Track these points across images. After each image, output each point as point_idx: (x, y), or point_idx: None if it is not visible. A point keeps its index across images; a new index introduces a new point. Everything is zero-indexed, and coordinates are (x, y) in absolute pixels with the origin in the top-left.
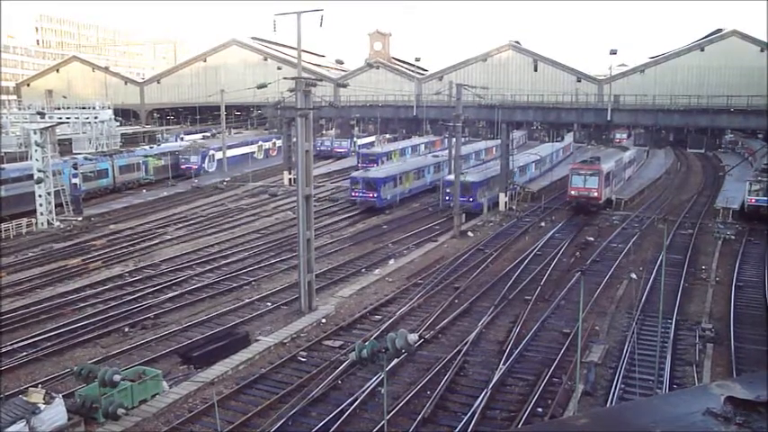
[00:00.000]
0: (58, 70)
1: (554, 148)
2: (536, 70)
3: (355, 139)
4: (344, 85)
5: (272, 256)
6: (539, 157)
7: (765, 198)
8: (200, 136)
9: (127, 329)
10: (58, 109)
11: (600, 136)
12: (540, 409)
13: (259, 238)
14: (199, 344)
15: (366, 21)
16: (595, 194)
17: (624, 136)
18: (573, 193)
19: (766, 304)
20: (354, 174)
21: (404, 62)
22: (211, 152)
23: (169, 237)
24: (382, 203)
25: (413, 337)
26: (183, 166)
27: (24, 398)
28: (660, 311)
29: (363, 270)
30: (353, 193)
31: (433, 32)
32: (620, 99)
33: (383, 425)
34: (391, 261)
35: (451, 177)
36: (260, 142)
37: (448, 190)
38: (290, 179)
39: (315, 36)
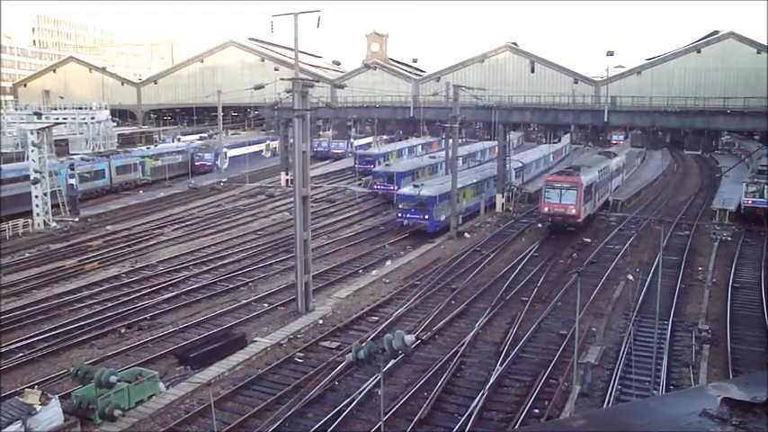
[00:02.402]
0: (54, 70)
1: (542, 153)
2: (533, 71)
3: (352, 140)
4: (342, 86)
5: (269, 257)
6: (520, 164)
7: (762, 199)
8: (197, 137)
9: (123, 330)
10: (55, 109)
11: (597, 137)
12: (536, 411)
13: (256, 239)
14: (195, 345)
15: (364, 22)
16: (573, 212)
17: (621, 137)
18: (546, 210)
19: (762, 305)
20: (376, 168)
21: (401, 63)
22: (224, 150)
23: (166, 237)
24: None
25: (410, 338)
26: (197, 163)
27: (20, 399)
28: (657, 313)
29: (360, 271)
30: (375, 186)
31: (431, 34)
32: (616, 100)
33: (380, 426)
34: (388, 262)
35: (404, 191)
36: (267, 141)
37: (400, 206)
38: (287, 180)
39: (312, 37)
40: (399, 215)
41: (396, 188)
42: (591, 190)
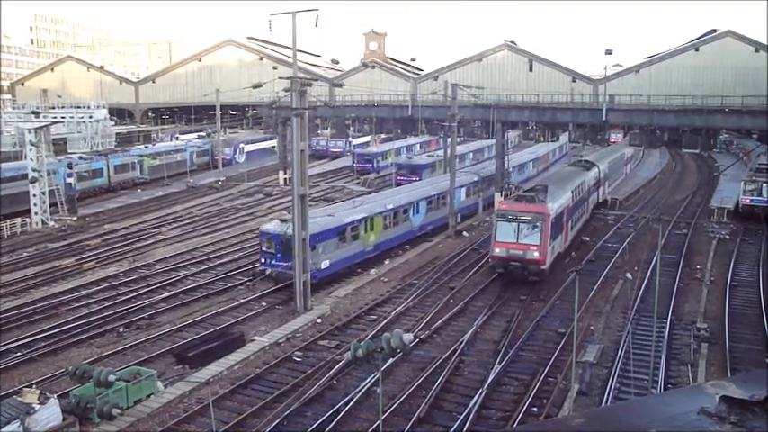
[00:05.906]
0: (52, 69)
1: (518, 161)
2: (531, 70)
3: (350, 138)
4: (340, 85)
5: None
6: (476, 179)
7: (760, 198)
8: (194, 136)
9: (121, 329)
10: (53, 108)
11: (595, 136)
12: (535, 409)
13: (254, 238)
14: (194, 344)
15: (362, 20)
16: (536, 255)
17: (619, 136)
18: (497, 251)
19: (761, 303)
20: (399, 161)
21: (399, 62)
22: (241, 145)
23: (164, 237)
24: None
25: (408, 336)
26: (216, 157)
27: (19, 398)
28: (655, 311)
29: (359, 270)
30: (399, 177)
31: (429, 32)
32: (615, 99)
33: (378, 425)
34: (387, 261)
35: (267, 227)
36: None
37: (264, 248)
38: (285, 179)
39: (310, 36)
40: (262, 260)
41: (418, 179)
42: (561, 220)
